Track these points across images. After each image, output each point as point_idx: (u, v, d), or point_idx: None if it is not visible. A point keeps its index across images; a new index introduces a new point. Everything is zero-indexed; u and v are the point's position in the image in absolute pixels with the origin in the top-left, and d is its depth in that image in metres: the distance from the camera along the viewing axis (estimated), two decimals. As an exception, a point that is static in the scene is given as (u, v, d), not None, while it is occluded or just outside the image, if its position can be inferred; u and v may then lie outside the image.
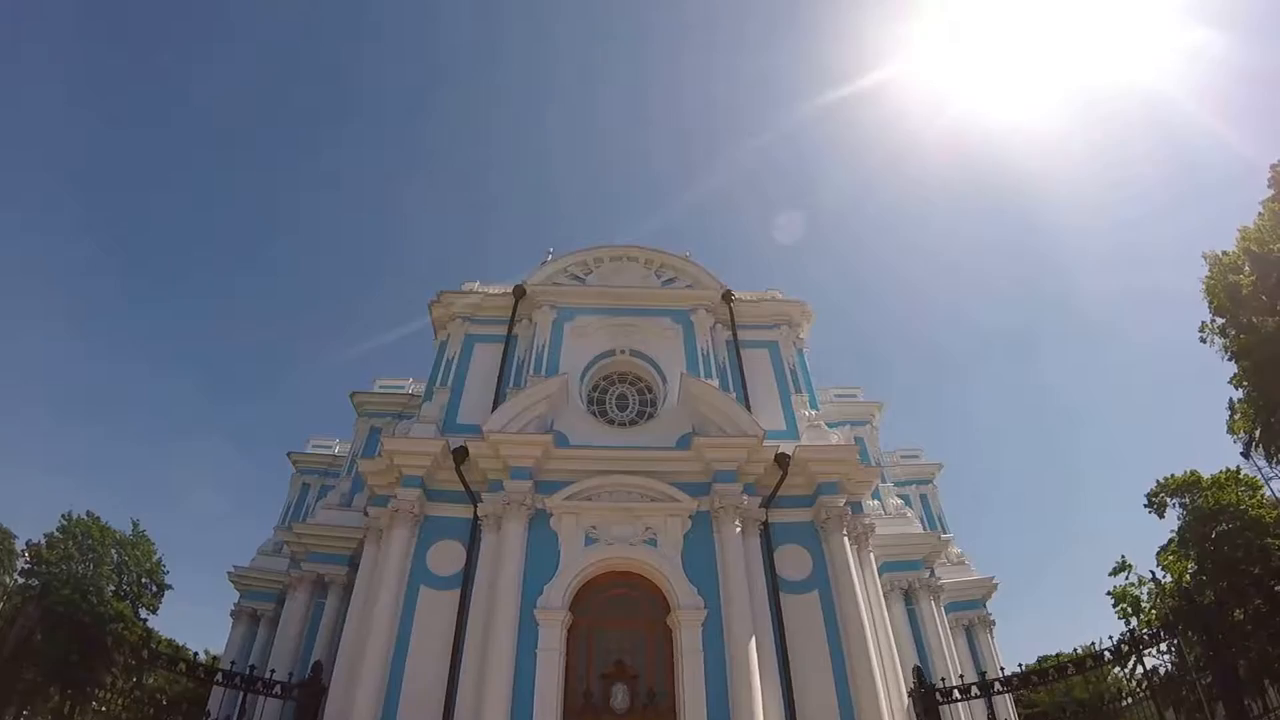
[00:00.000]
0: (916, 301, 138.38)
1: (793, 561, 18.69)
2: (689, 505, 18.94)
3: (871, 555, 19.80)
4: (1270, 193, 20.85)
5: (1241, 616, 20.05)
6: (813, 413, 22.40)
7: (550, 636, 16.68)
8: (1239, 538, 25.42)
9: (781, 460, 19.63)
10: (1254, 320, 20.20)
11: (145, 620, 44.69)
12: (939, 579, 25.25)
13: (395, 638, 16.99)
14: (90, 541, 44.06)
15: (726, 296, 25.62)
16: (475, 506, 19.09)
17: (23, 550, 43.97)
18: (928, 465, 33.73)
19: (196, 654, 46.83)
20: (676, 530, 18.66)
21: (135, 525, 46.25)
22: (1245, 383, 21.47)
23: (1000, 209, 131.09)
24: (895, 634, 19.35)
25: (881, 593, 19.52)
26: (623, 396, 23.16)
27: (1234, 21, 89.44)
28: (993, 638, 28.02)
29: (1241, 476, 27.88)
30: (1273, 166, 20.89)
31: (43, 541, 43.78)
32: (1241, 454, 23.74)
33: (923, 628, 23.08)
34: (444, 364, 23.76)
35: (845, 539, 18.80)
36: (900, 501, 27.81)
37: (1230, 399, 22.66)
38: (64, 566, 42.76)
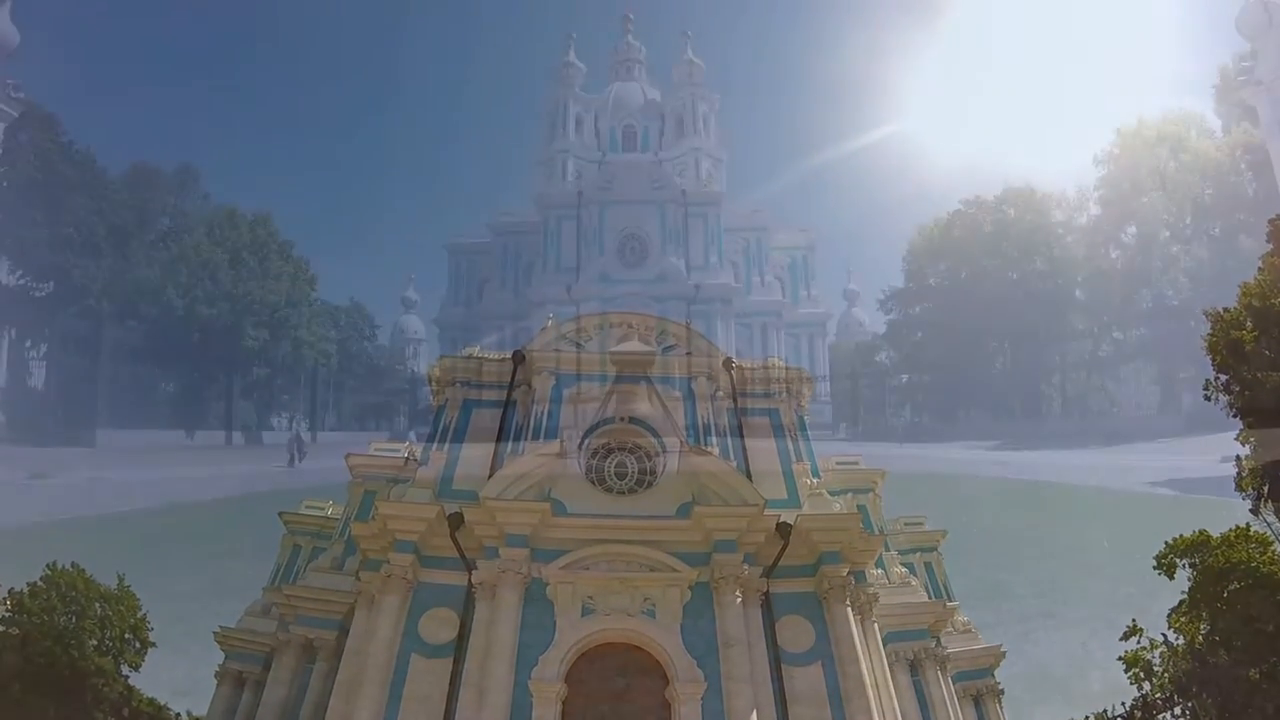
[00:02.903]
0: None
1: (794, 632, 18.51)
2: (688, 575, 18.66)
3: (875, 625, 19.69)
4: (1270, 247, 21.08)
5: (1257, 676, 19.72)
6: (814, 481, 22.29)
7: (545, 710, 16.39)
8: (1252, 596, 25.05)
9: (783, 529, 19.39)
10: (1258, 375, 20.23)
11: (127, 677, 43.57)
12: (945, 648, 24.76)
13: (384, 707, 16.76)
14: (74, 594, 43.19)
15: (727, 364, 25.64)
16: (470, 574, 18.86)
17: (4, 599, 43.13)
18: (931, 533, 32.83)
19: (179, 714, 45.54)
20: (675, 601, 18.41)
21: (120, 579, 45.42)
22: (1251, 439, 21.34)
23: (1000, 263, 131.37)
24: (900, 706, 19.17)
25: (886, 664, 19.37)
26: (621, 464, 22.58)
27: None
28: (1001, 707, 27.29)
29: (1251, 533, 27.60)
30: (1271, 221, 21.17)
31: (25, 590, 42.95)
32: (1250, 511, 23.57)
33: (929, 699, 22.62)
34: (441, 428, 23.69)
35: (848, 609, 18.59)
36: (905, 570, 27.34)
37: (1237, 455, 22.53)
38: (46, 618, 41.83)
